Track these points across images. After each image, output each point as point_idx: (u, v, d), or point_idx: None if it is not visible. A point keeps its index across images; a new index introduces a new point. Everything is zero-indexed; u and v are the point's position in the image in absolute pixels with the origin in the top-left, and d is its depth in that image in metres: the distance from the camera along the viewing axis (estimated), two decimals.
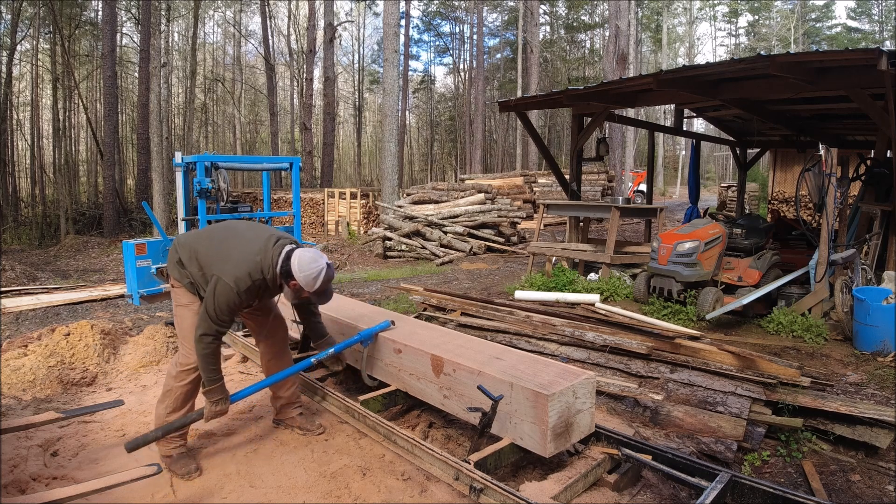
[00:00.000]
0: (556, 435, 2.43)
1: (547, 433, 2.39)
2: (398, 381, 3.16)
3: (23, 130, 23.68)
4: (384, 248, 11.53)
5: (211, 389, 2.62)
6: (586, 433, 2.61)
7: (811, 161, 5.50)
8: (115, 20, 18.96)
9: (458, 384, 2.79)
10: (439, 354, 2.90)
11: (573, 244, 7.61)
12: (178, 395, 2.70)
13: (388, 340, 3.21)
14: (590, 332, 4.34)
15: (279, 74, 33.17)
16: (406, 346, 3.09)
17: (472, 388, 2.66)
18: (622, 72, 15.08)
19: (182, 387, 2.70)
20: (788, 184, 13.73)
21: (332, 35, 23.35)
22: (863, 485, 2.85)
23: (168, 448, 2.69)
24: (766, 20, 40.35)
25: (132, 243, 4.62)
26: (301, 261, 2.54)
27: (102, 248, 14.18)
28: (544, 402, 2.38)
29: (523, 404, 2.48)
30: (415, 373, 3.05)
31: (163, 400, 2.73)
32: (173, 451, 2.67)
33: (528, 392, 2.46)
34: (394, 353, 3.17)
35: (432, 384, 2.94)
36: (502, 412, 2.54)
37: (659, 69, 11.29)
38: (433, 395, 2.95)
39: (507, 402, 2.53)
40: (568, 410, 2.48)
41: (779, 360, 3.78)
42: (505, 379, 2.57)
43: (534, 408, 2.43)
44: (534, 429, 2.44)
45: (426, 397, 3.00)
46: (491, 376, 2.62)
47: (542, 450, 2.40)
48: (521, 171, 20.96)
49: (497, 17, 38.40)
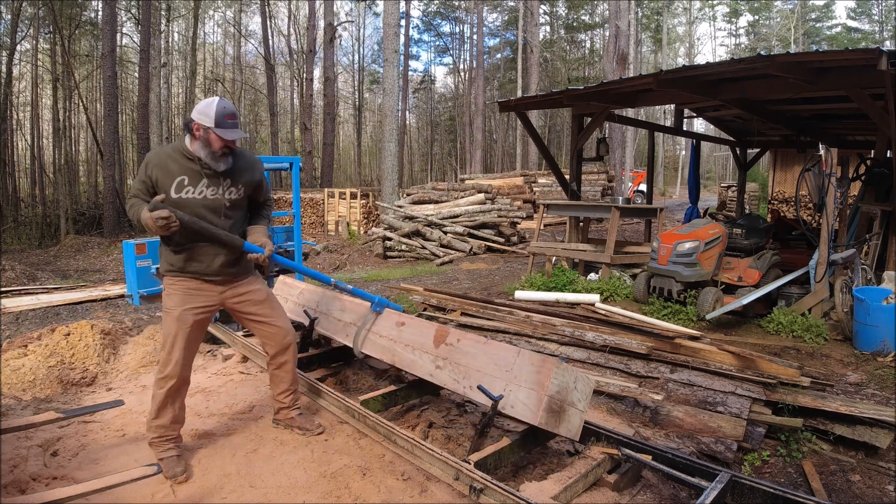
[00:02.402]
0: (550, 410, 2.39)
1: (543, 400, 2.35)
2: (390, 353, 3.15)
3: (23, 130, 23.70)
4: (384, 248, 11.53)
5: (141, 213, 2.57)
6: (573, 433, 2.53)
7: (811, 161, 5.50)
8: (115, 20, 18.95)
9: (457, 353, 2.80)
10: (445, 328, 2.98)
11: (573, 244, 7.61)
12: (158, 402, 2.71)
13: (394, 314, 3.30)
14: (590, 332, 4.34)
15: (279, 74, 33.19)
16: (411, 320, 3.19)
17: (472, 358, 2.69)
18: (622, 72, 15.08)
19: (161, 394, 2.71)
20: (788, 184, 13.73)
21: (332, 35, 23.34)
22: (863, 485, 2.85)
23: (156, 450, 2.70)
24: (766, 20, 40.36)
25: (132, 243, 4.61)
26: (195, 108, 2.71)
27: (102, 248, 14.18)
28: (550, 369, 2.39)
29: (526, 370, 2.47)
30: (411, 344, 3.05)
31: (150, 406, 2.77)
32: (162, 454, 2.68)
33: (535, 358, 2.48)
34: (396, 325, 3.21)
35: (426, 355, 2.93)
36: (500, 379, 2.54)
37: (659, 69, 11.28)
38: (424, 365, 2.92)
39: (510, 370, 2.53)
40: (567, 392, 2.47)
41: (779, 360, 3.78)
42: (511, 348, 2.62)
43: (538, 373, 2.43)
44: (530, 395, 2.41)
45: (415, 368, 2.96)
46: (497, 345, 2.67)
47: (533, 417, 2.36)
48: (521, 171, 20.97)
49: (497, 17, 38.46)
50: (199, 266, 2.74)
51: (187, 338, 2.73)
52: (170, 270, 2.76)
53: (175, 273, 2.75)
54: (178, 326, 2.72)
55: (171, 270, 2.76)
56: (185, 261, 2.73)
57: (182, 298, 2.74)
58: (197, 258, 2.73)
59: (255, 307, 2.93)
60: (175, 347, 2.71)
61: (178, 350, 2.71)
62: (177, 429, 2.77)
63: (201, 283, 2.78)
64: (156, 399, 2.71)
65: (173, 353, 2.70)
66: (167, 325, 2.73)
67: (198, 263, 2.74)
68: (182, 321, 2.72)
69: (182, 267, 2.74)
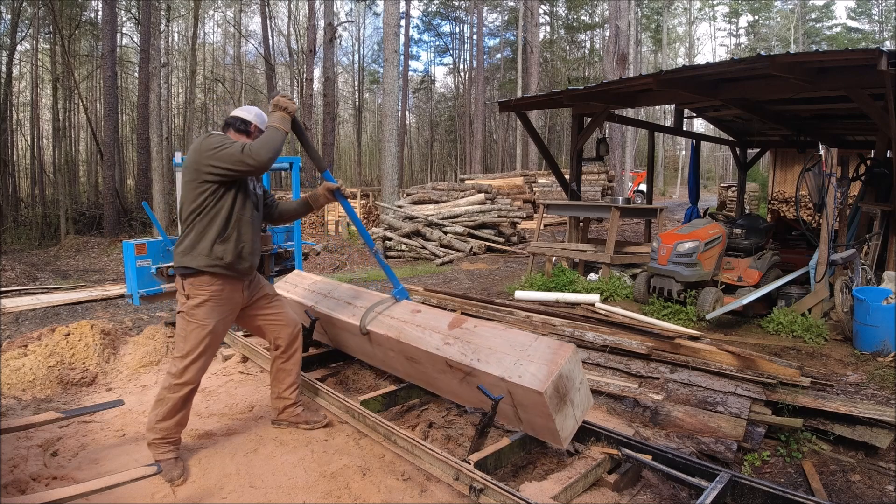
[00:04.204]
0: (556, 390, 2.37)
1: (554, 373, 2.34)
2: (396, 331, 3.11)
3: (23, 130, 23.70)
4: (384, 248, 11.53)
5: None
6: (566, 434, 2.49)
7: (811, 161, 5.50)
8: (115, 20, 18.95)
9: (471, 335, 2.77)
10: (464, 316, 2.98)
11: (573, 244, 7.61)
12: (170, 406, 2.64)
13: (411, 304, 3.31)
14: (590, 332, 4.34)
15: (279, 74, 33.17)
16: (428, 308, 3.20)
17: (486, 339, 2.68)
18: (622, 72, 15.07)
19: (175, 398, 2.64)
20: (788, 184, 13.73)
21: (332, 35, 23.35)
22: (863, 485, 2.85)
23: (156, 451, 2.64)
24: (766, 20, 40.37)
25: (132, 243, 4.61)
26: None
27: (102, 248, 14.18)
28: (566, 351, 2.42)
29: (542, 350, 2.49)
30: (423, 324, 3.01)
31: (155, 407, 2.67)
32: (161, 455, 2.63)
33: (553, 342, 2.50)
34: (410, 312, 3.18)
35: (436, 334, 2.88)
36: (511, 355, 2.54)
37: (659, 69, 11.28)
38: (430, 342, 2.87)
39: (525, 350, 2.53)
40: (572, 383, 2.46)
41: (779, 360, 3.78)
42: (530, 334, 2.64)
43: (553, 353, 2.44)
44: (541, 368, 2.40)
45: (422, 344, 2.91)
46: (517, 331, 2.71)
47: (540, 385, 2.33)
48: (521, 171, 20.96)
49: (497, 17, 38.47)
50: (244, 264, 2.70)
51: (214, 347, 2.71)
52: (212, 266, 2.59)
53: (217, 270, 2.60)
54: (211, 339, 2.65)
55: (214, 266, 2.59)
56: (235, 255, 2.64)
57: (214, 308, 2.64)
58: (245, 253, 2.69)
59: (266, 301, 2.96)
60: (202, 356, 2.64)
61: (203, 359, 2.66)
62: (179, 431, 2.74)
63: (236, 282, 2.71)
64: (166, 402, 2.63)
65: (197, 361, 2.63)
66: (194, 335, 2.60)
67: (244, 261, 2.69)
68: (215, 334, 2.66)
69: (231, 263, 2.62)
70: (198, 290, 2.61)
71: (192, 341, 2.62)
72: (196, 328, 2.62)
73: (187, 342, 2.62)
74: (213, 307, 2.64)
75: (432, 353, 2.79)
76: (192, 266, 2.59)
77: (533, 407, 2.41)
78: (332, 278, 3.41)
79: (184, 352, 2.63)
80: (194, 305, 2.61)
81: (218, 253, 2.59)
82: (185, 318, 2.64)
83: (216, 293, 2.64)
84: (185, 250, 2.61)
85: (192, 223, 2.61)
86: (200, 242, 2.59)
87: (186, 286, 2.62)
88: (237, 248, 2.65)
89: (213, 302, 2.63)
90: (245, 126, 2.76)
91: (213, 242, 2.59)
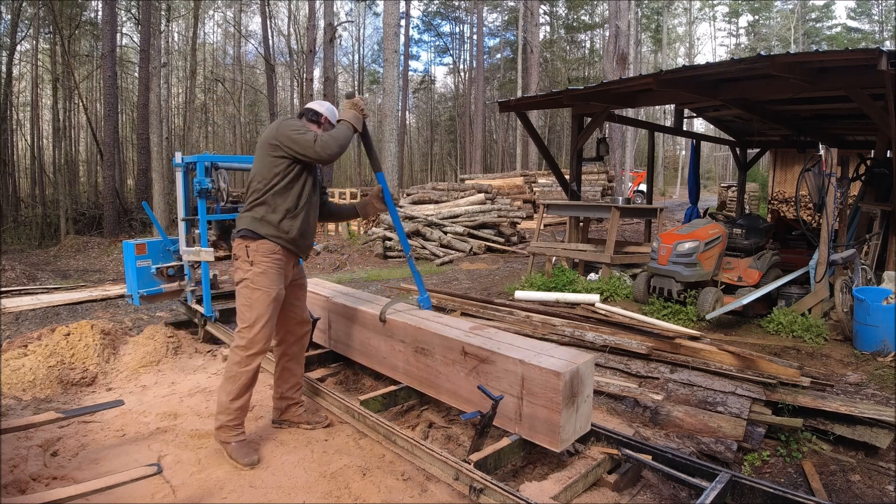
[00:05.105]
0: (571, 385, 2.42)
1: (571, 367, 2.42)
2: (416, 321, 3.22)
3: (23, 130, 23.69)
4: (384, 248, 11.53)
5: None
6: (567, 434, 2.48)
7: (811, 161, 5.50)
8: (115, 20, 18.94)
9: (493, 334, 2.95)
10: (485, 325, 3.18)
11: (573, 244, 7.61)
12: (243, 382, 2.68)
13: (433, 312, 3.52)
14: (590, 332, 4.34)
15: (279, 74, 33.16)
16: (450, 317, 3.40)
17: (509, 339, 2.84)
18: (622, 72, 15.07)
19: (247, 371, 2.69)
20: (788, 184, 13.73)
21: (332, 35, 23.33)
22: (863, 485, 2.85)
23: (228, 434, 2.68)
24: (766, 20, 40.37)
25: (132, 243, 4.61)
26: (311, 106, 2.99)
27: (102, 248, 14.16)
28: (585, 356, 2.59)
29: (562, 352, 2.64)
30: (445, 322, 3.17)
31: (225, 385, 2.70)
32: (233, 439, 2.68)
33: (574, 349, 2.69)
34: (433, 314, 3.41)
35: (458, 330, 3.02)
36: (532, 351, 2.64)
37: (659, 69, 11.28)
38: (451, 333, 2.97)
39: (546, 349, 2.68)
40: (583, 388, 2.52)
41: (779, 360, 3.78)
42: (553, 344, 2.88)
43: (573, 355, 2.59)
44: (560, 360, 2.51)
45: (442, 331, 3.01)
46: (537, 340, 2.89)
47: (561, 368, 2.40)
48: (521, 171, 20.96)
49: (497, 17, 38.47)
50: (305, 242, 2.87)
51: (276, 317, 2.81)
52: (276, 237, 2.75)
53: (282, 242, 2.76)
54: (274, 307, 2.76)
55: (277, 237, 2.75)
56: (300, 233, 2.81)
57: (277, 276, 2.77)
58: (308, 233, 2.88)
59: (298, 291, 3.06)
60: (268, 323, 2.73)
61: (269, 326, 2.75)
62: (244, 415, 2.78)
63: (291, 257, 2.86)
64: (239, 378, 2.68)
65: (265, 328, 2.72)
66: (259, 303, 2.71)
67: (305, 239, 2.87)
68: (277, 302, 2.77)
69: (294, 238, 2.80)
70: (263, 256, 2.74)
71: (259, 308, 2.71)
72: (262, 294, 2.72)
73: (253, 310, 2.71)
74: (276, 275, 2.77)
75: (451, 339, 2.89)
76: (261, 233, 2.74)
77: (543, 394, 2.43)
78: (332, 278, 3.41)
79: (251, 320, 2.71)
80: (259, 273, 2.73)
81: (285, 227, 2.77)
82: (249, 286, 2.73)
83: (278, 261, 2.77)
84: (255, 218, 2.75)
85: (263, 195, 2.75)
86: (271, 214, 2.75)
87: (251, 252, 2.74)
88: (302, 226, 2.83)
89: (276, 271, 2.77)
90: (316, 117, 2.94)
91: (283, 217, 2.76)
